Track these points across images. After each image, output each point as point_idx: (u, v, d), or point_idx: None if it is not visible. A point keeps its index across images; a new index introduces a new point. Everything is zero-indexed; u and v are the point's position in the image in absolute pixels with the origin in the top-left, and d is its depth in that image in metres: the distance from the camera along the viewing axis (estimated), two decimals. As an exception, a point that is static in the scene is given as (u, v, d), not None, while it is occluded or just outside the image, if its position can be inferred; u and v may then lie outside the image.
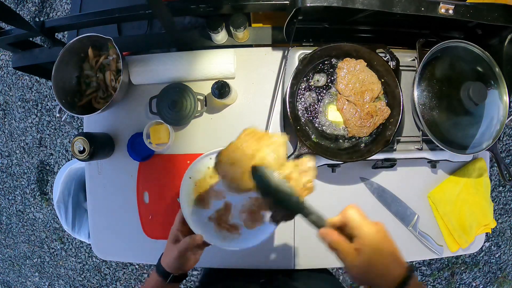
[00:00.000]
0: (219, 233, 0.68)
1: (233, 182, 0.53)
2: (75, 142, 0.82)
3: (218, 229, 0.69)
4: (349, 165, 0.83)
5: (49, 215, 1.97)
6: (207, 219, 0.69)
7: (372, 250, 0.44)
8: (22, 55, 0.95)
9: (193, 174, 0.70)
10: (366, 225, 0.45)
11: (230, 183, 0.53)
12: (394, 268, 0.44)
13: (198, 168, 0.70)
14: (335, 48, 0.77)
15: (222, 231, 0.68)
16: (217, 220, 0.68)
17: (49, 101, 1.94)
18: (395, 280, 0.43)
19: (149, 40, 0.96)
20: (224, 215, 0.68)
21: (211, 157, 0.70)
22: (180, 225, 0.66)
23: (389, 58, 0.77)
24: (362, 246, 0.44)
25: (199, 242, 0.63)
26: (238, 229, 0.68)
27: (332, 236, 0.46)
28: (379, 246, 0.44)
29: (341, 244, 0.45)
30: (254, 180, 0.50)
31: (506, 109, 0.77)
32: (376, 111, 0.76)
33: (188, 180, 0.69)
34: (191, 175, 0.69)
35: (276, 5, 0.78)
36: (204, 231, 0.65)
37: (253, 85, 0.91)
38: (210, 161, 0.70)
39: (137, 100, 0.92)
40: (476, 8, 0.68)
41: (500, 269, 1.82)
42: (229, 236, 0.68)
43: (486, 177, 0.91)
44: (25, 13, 1.98)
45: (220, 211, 0.68)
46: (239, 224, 0.68)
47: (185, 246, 0.61)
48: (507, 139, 1.81)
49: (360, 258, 0.44)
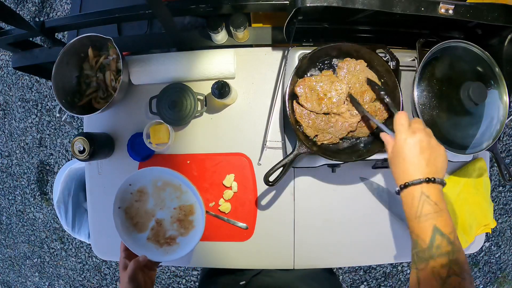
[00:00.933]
0: (161, 249, 0.73)
1: None
2: (75, 142, 0.82)
3: (158, 246, 0.74)
4: (349, 165, 0.83)
5: (49, 215, 1.97)
6: (146, 240, 0.73)
7: (393, 153, 0.57)
8: (22, 55, 0.96)
9: (120, 204, 0.73)
10: (401, 131, 0.57)
11: None
12: (399, 175, 0.56)
13: (123, 196, 0.73)
14: (335, 47, 0.77)
15: (163, 247, 0.73)
16: (155, 238, 0.74)
17: (49, 101, 1.95)
18: (398, 182, 0.56)
19: (149, 40, 0.96)
20: (160, 231, 0.73)
21: (130, 183, 0.74)
22: (125, 253, 0.71)
23: (389, 58, 0.77)
24: (391, 146, 0.59)
25: (144, 262, 0.68)
26: (175, 239, 0.74)
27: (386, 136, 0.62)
28: (398, 151, 0.56)
29: (388, 143, 0.61)
30: None
31: (506, 109, 0.77)
32: (375, 111, 0.76)
33: (117, 210, 0.73)
34: (120, 205, 0.73)
35: (276, 5, 0.78)
36: (146, 252, 0.70)
37: (253, 85, 0.91)
38: (130, 187, 0.74)
39: (137, 100, 0.92)
40: (476, 8, 0.68)
41: (500, 269, 1.83)
42: (170, 249, 0.73)
43: (486, 177, 0.91)
44: (25, 13, 1.98)
45: (154, 229, 0.73)
46: (175, 235, 0.73)
47: (132, 269, 0.66)
48: (507, 139, 1.81)
49: (389, 151, 0.60)
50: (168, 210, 0.75)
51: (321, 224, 0.89)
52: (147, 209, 0.74)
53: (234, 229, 0.89)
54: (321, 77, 0.76)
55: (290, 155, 0.73)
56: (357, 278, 1.79)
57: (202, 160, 0.90)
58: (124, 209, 0.73)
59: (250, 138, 0.90)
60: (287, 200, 0.89)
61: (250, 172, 0.89)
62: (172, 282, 1.88)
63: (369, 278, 1.78)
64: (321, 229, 0.89)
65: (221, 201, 0.89)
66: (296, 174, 0.89)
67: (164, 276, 1.88)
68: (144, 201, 0.74)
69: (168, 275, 1.88)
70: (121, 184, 0.72)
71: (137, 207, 0.73)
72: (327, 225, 0.89)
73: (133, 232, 0.73)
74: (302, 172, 0.89)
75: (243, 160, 0.89)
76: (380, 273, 1.77)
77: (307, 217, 0.89)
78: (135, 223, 0.73)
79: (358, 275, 1.79)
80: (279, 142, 0.88)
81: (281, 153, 0.89)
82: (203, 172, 0.90)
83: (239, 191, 0.89)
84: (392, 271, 1.77)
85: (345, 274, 1.79)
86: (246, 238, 0.89)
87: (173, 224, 0.74)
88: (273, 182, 0.73)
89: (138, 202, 0.73)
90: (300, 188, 0.89)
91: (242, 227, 0.89)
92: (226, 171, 0.89)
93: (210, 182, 0.90)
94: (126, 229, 0.72)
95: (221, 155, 0.90)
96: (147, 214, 0.74)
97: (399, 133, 0.57)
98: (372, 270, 1.78)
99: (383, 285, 1.77)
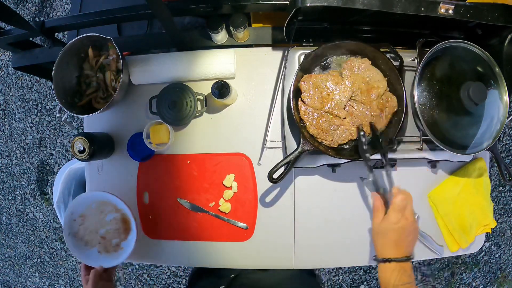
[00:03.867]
0: (110, 256, 0.86)
1: None
2: (75, 142, 0.82)
3: (108, 254, 0.86)
4: (349, 165, 0.83)
5: (49, 215, 1.97)
6: (97, 253, 0.87)
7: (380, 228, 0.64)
8: (22, 55, 0.96)
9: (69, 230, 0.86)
10: (394, 213, 0.63)
11: None
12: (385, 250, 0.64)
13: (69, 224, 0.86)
14: (340, 46, 0.77)
15: (111, 254, 0.86)
16: (104, 249, 0.87)
17: (49, 101, 1.94)
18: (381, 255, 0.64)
19: (149, 40, 0.96)
20: (106, 243, 0.87)
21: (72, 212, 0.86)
22: (85, 271, 0.81)
23: (393, 57, 0.77)
24: (381, 223, 0.64)
25: (101, 271, 0.80)
26: (119, 245, 0.87)
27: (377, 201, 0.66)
28: (387, 229, 0.63)
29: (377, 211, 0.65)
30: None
31: (506, 109, 0.77)
32: (384, 104, 0.76)
33: (68, 236, 0.85)
34: (69, 231, 0.86)
35: (276, 5, 0.78)
36: (100, 262, 0.83)
37: (253, 85, 0.91)
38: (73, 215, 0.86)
39: (137, 100, 0.92)
40: (476, 8, 0.68)
41: (500, 269, 1.82)
42: (117, 254, 0.86)
43: (486, 177, 0.91)
44: (25, 13, 1.98)
45: (101, 243, 0.87)
46: (118, 242, 0.87)
47: (92, 279, 0.77)
48: (507, 139, 1.81)
49: (375, 227, 0.65)
50: (106, 224, 0.88)
51: (321, 224, 0.89)
52: (92, 229, 0.87)
53: (234, 229, 0.89)
54: (326, 76, 0.76)
55: (295, 152, 0.73)
56: (357, 278, 1.79)
57: (202, 160, 0.90)
58: (73, 234, 0.86)
59: (250, 138, 0.90)
60: (287, 200, 0.89)
61: (250, 172, 0.89)
62: (172, 282, 1.87)
63: (369, 278, 1.78)
64: (321, 229, 0.89)
65: (221, 201, 0.89)
66: (296, 174, 0.89)
67: (164, 276, 1.88)
68: (87, 223, 0.87)
69: (168, 275, 1.88)
70: (64, 216, 0.86)
71: (83, 229, 0.87)
72: (327, 225, 0.89)
73: (85, 250, 0.86)
74: (302, 172, 0.89)
75: (243, 160, 0.89)
76: (380, 273, 1.78)
77: (307, 217, 0.89)
78: (86, 242, 0.87)
79: (358, 275, 1.79)
80: (279, 142, 0.88)
81: (281, 153, 0.89)
82: (203, 172, 0.90)
83: (239, 191, 0.89)
84: (392, 271, 1.77)
85: (345, 274, 1.79)
86: (246, 238, 0.89)
87: (113, 234, 0.88)
88: (277, 179, 0.73)
89: (82, 225, 0.87)
90: (300, 188, 0.89)
91: (242, 227, 0.89)
92: (226, 171, 0.89)
93: (210, 182, 0.90)
94: (78, 249, 0.85)
95: (221, 155, 0.90)
96: (92, 233, 0.87)
97: (393, 212, 0.63)
98: (372, 270, 1.78)
99: (383, 285, 1.77)
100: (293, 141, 0.82)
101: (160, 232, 0.91)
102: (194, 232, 0.90)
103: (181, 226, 0.90)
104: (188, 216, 0.90)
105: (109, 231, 0.88)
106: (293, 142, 0.82)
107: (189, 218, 0.90)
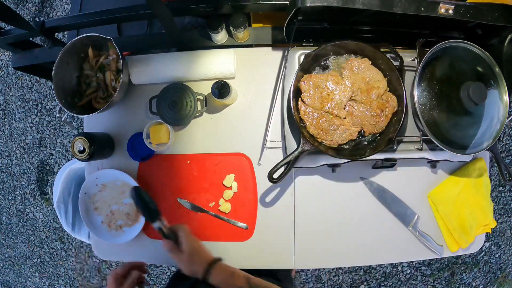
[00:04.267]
0: (110, 232, 0.91)
1: None
2: (75, 142, 0.82)
3: (109, 229, 0.91)
4: (349, 165, 0.83)
5: (49, 215, 1.97)
6: (101, 222, 0.91)
7: (190, 250, 0.68)
8: (22, 55, 0.96)
9: (87, 190, 0.91)
10: (186, 239, 0.69)
11: None
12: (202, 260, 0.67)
13: (90, 185, 0.91)
14: (340, 46, 0.77)
15: (112, 231, 0.91)
16: (107, 222, 0.91)
17: (49, 101, 1.94)
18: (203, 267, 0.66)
19: (149, 40, 0.96)
20: (112, 218, 0.91)
21: (97, 177, 0.91)
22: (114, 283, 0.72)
23: (393, 57, 0.78)
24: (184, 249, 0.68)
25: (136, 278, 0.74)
26: (122, 228, 0.91)
27: (168, 244, 0.69)
28: (193, 248, 0.68)
29: (174, 249, 0.69)
30: None
31: (506, 109, 0.77)
32: (384, 104, 0.76)
33: (84, 195, 0.91)
34: (86, 191, 0.91)
35: (276, 5, 0.78)
36: (99, 232, 0.91)
37: (253, 85, 0.91)
38: (97, 180, 0.91)
39: (137, 100, 0.92)
40: (476, 8, 0.68)
41: (500, 269, 1.82)
42: (116, 233, 0.91)
43: (486, 177, 0.91)
44: (25, 13, 1.98)
45: (108, 216, 0.92)
46: (122, 224, 0.91)
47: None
48: (507, 139, 1.81)
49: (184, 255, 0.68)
50: (121, 204, 0.92)
51: (321, 224, 0.89)
52: (106, 200, 0.92)
53: (234, 229, 0.89)
54: (326, 76, 0.76)
55: (295, 152, 0.73)
56: (357, 278, 1.79)
57: (202, 160, 0.90)
58: (89, 195, 0.91)
59: (250, 138, 0.90)
60: (287, 200, 0.89)
61: (250, 172, 0.89)
62: (172, 282, 1.87)
63: (369, 278, 1.78)
64: (321, 229, 0.89)
65: (221, 201, 0.89)
66: (296, 174, 0.89)
67: (164, 276, 1.88)
68: (105, 193, 0.92)
69: (168, 275, 1.87)
70: (89, 176, 0.91)
71: (99, 196, 0.92)
72: (327, 225, 0.89)
73: (92, 213, 0.92)
74: (302, 172, 0.89)
75: (243, 160, 0.89)
76: (380, 273, 1.77)
77: (307, 217, 0.89)
78: (95, 207, 0.92)
79: (358, 275, 1.79)
80: (279, 142, 0.88)
81: (281, 153, 0.89)
82: (203, 172, 0.90)
83: (239, 191, 0.89)
84: (392, 271, 1.77)
85: (345, 274, 1.79)
86: (246, 238, 0.89)
87: (122, 216, 0.91)
88: (277, 179, 0.73)
89: (100, 192, 0.92)
90: (300, 188, 0.89)
91: (242, 227, 0.89)
92: (226, 171, 0.89)
93: (210, 182, 0.90)
94: (86, 208, 0.91)
95: (221, 155, 0.90)
96: (105, 203, 0.92)
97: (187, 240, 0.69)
98: (372, 270, 1.78)
99: (383, 285, 1.77)
100: (293, 141, 0.82)
101: (160, 232, 0.91)
102: (194, 232, 0.88)
103: (181, 226, 0.90)
104: (188, 216, 0.90)
105: (120, 211, 0.91)
106: (293, 142, 0.82)
107: (189, 218, 0.90)
